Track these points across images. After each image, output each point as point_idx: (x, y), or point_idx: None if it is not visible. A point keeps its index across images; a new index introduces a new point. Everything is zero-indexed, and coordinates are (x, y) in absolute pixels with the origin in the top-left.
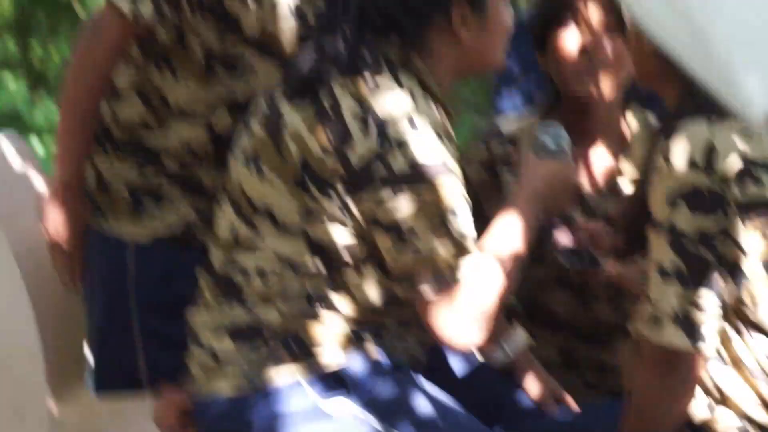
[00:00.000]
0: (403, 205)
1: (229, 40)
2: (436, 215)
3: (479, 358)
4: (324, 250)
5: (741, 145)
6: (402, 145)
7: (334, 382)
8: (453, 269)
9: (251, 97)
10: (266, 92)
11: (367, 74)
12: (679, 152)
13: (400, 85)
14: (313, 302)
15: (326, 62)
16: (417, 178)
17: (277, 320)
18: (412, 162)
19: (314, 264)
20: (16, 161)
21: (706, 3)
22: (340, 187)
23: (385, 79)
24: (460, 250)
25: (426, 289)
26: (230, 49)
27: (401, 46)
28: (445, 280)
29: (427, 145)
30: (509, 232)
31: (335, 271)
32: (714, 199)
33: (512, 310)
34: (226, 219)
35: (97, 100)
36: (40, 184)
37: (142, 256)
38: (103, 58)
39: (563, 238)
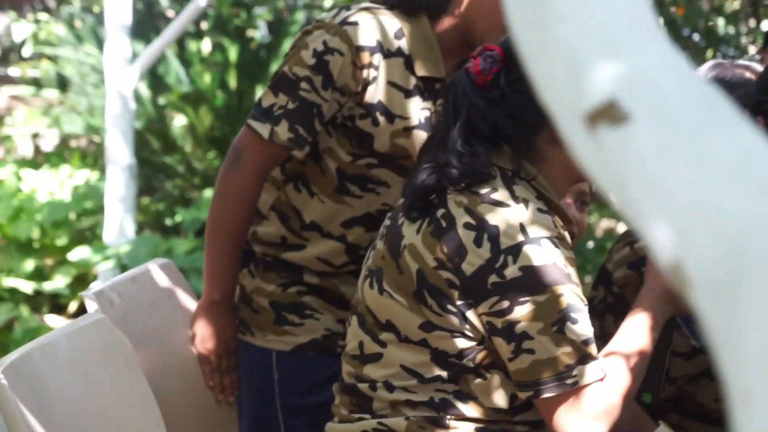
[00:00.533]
0: (517, 311)
1: (361, 156)
2: (552, 319)
3: None
4: (447, 358)
5: None
6: (514, 252)
7: None
8: (572, 373)
9: (384, 210)
10: (394, 209)
11: (480, 187)
12: None
13: (513, 195)
14: (439, 410)
15: (440, 177)
16: (530, 284)
17: (405, 428)
18: (525, 268)
19: (438, 372)
20: (165, 285)
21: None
22: (456, 297)
23: (498, 191)
24: (580, 353)
25: (546, 393)
26: (362, 166)
27: (513, 155)
28: (566, 384)
29: (541, 252)
30: (634, 334)
31: (460, 378)
32: None
33: (661, 404)
34: (353, 333)
35: (243, 225)
36: (190, 305)
37: (286, 362)
38: (245, 184)
39: None
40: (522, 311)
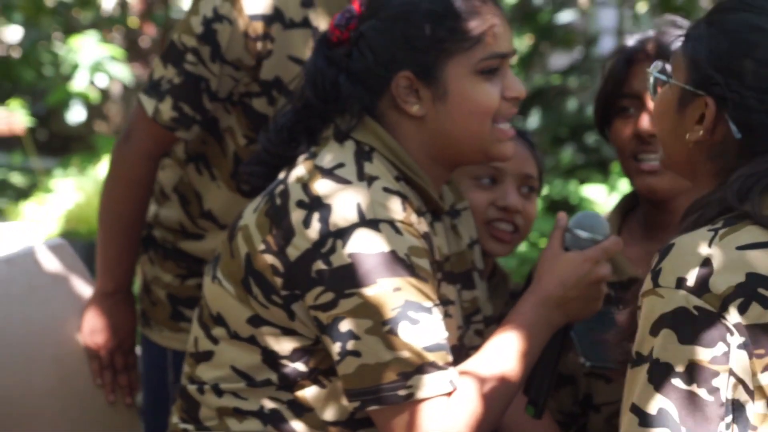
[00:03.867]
0: (343, 305)
1: (255, 140)
2: (383, 318)
3: None
4: (279, 359)
5: (744, 264)
6: (344, 236)
7: None
8: (407, 383)
9: None
10: None
11: (324, 159)
12: (670, 272)
13: (360, 171)
14: (267, 423)
15: (280, 148)
16: (358, 273)
17: None
18: (354, 255)
19: (269, 376)
20: (59, 269)
21: None
22: (280, 287)
23: (345, 167)
24: (419, 360)
25: (372, 405)
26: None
27: (354, 115)
28: (397, 396)
29: (376, 237)
30: (507, 341)
31: (294, 385)
32: (705, 322)
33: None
34: (192, 328)
35: (135, 208)
36: (85, 291)
37: (182, 364)
38: (135, 165)
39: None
40: (348, 305)
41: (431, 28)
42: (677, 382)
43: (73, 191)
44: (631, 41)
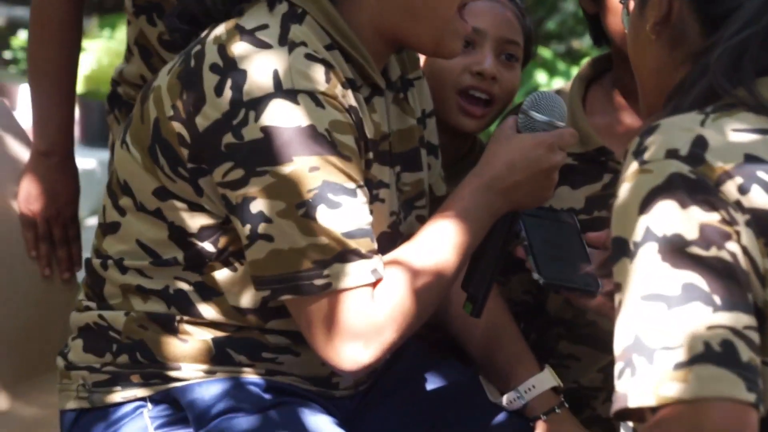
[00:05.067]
0: (254, 184)
1: None
2: (298, 199)
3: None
4: (187, 237)
5: (742, 146)
6: (258, 106)
7: (180, 410)
8: (324, 272)
9: None
10: None
11: (248, 20)
12: (657, 148)
13: (284, 35)
14: (171, 305)
15: (205, 3)
16: (272, 149)
17: (123, 325)
18: (268, 128)
19: (176, 254)
20: None
21: None
22: (186, 158)
23: (268, 29)
24: (339, 247)
25: (284, 295)
26: None
27: None
28: (313, 286)
29: (294, 109)
30: (438, 233)
31: (203, 266)
32: (704, 189)
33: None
34: (103, 199)
35: (63, 53)
36: (23, 155)
37: None
38: (54, 3)
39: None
40: (259, 184)
41: None
42: (695, 249)
43: (98, 51)
44: None
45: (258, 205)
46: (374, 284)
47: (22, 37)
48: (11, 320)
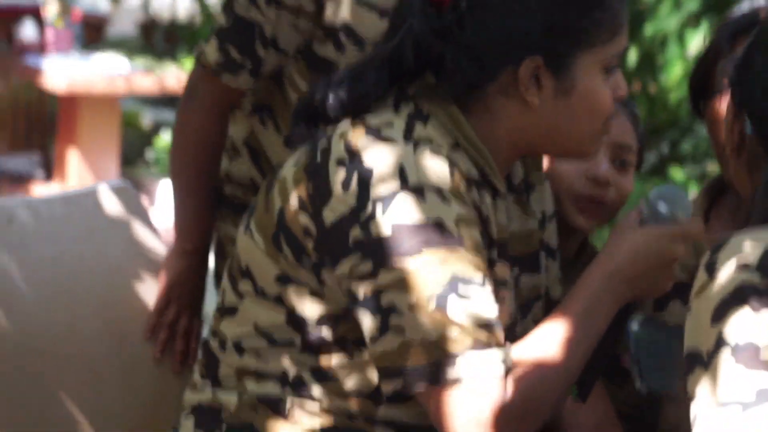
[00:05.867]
0: (383, 277)
1: None
2: (429, 292)
3: None
4: (305, 323)
5: None
6: (386, 201)
7: None
8: (456, 362)
9: None
10: None
11: (373, 117)
12: (727, 261)
13: (409, 132)
14: (285, 384)
15: (335, 102)
16: (402, 243)
17: (235, 407)
18: (395, 224)
19: (293, 337)
20: (120, 212)
21: None
22: (311, 249)
23: (393, 126)
24: (470, 338)
25: (417, 387)
26: None
27: (442, 93)
28: (445, 377)
29: (422, 204)
30: (566, 319)
31: (320, 350)
32: None
33: None
34: (222, 281)
35: (210, 163)
36: (145, 237)
37: None
38: (201, 121)
39: None
40: (389, 277)
41: (577, 14)
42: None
43: None
44: (741, 9)
45: (388, 298)
46: (506, 374)
47: (165, 138)
48: (125, 396)
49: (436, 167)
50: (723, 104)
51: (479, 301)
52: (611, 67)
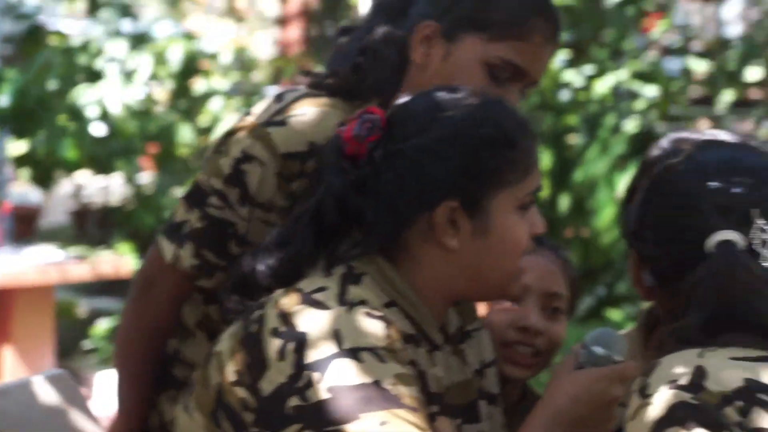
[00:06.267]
0: None
1: None
2: None
3: None
4: None
5: (741, 371)
6: (322, 368)
7: None
8: None
9: None
10: None
11: (308, 284)
12: (659, 383)
13: (342, 296)
14: None
15: (265, 269)
16: (339, 409)
17: None
18: (334, 388)
19: None
20: (57, 401)
21: None
22: (251, 423)
23: (326, 291)
24: None
25: None
26: None
27: (366, 247)
28: None
29: (357, 367)
30: None
31: None
32: (706, 413)
33: None
34: None
35: (159, 349)
36: (83, 425)
37: None
38: (161, 312)
39: None
40: None
41: (489, 155)
42: None
43: None
44: (660, 145)
45: None
46: None
47: (103, 326)
48: None
49: (371, 328)
50: None
51: None
52: (526, 204)
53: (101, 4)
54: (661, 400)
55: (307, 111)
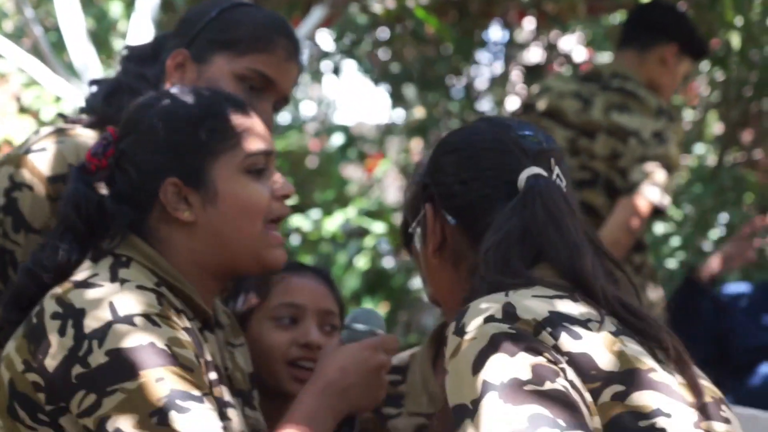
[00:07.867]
0: (106, 404)
1: None
2: (149, 409)
3: None
4: None
5: (544, 305)
6: (100, 335)
7: None
8: None
9: None
10: None
11: (77, 275)
12: (473, 320)
13: (113, 276)
14: None
15: (36, 275)
16: (118, 369)
17: None
18: (111, 351)
19: None
20: None
21: None
22: (44, 402)
23: (98, 275)
24: None
25: None
26: None
27: (122, 237)
28: None
29: (132, 331)
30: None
31: None
32: (526, 338)
33: None
34: None
35: None
36: None
37: None
38: None
39: None
40: (111, 403)
41: (192, 131)
42: (532, 386)
43: None
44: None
45: (114, 423)
46: None
47: None
48: None
49: (143, 298)
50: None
51: (199, 414)
52: (255, 168)
53: None
54: (480, 333)
55: (64, 139)
